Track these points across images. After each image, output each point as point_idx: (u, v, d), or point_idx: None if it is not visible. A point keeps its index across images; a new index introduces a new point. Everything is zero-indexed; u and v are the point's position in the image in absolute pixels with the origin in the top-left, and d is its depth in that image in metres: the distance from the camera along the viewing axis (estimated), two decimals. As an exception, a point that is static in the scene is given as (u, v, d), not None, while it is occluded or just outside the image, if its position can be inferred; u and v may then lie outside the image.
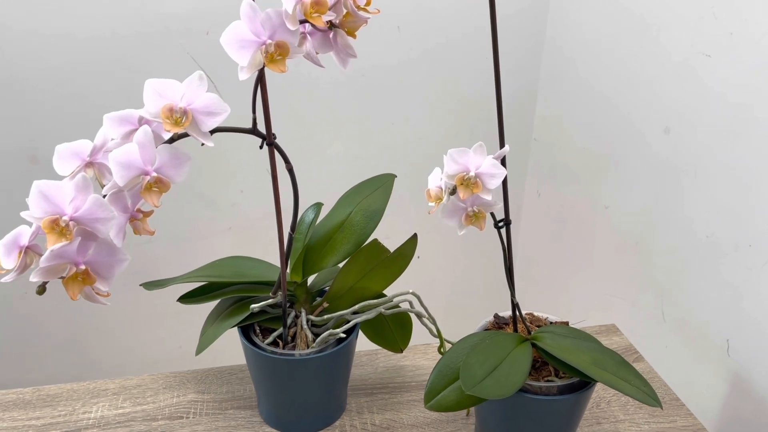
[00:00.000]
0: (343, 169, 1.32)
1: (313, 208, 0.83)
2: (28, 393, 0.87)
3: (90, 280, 0.53)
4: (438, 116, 1.34)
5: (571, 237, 1.35)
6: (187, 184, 1.27)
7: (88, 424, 0.82)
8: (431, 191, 0.66)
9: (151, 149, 0.53)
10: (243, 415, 0.84)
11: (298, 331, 0.79)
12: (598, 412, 0.85)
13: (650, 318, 1.10)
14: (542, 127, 1.38)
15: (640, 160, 1.10)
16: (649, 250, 1.10)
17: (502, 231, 0.70)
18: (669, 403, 0.87)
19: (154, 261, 1.36)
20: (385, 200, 0.79)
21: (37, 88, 1.13)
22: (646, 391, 0.68)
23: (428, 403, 0.69)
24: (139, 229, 0.55)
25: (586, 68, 1.22)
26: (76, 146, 0.54)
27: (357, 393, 0.88)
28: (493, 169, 0.63)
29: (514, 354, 0.70)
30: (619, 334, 1.00)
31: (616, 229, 1.19)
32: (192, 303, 0.82)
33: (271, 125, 0.61)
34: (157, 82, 0.54)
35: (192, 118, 0.54)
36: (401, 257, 0.79)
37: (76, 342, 1.40)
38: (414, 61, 1.28)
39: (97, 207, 0.51)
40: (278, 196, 0.66)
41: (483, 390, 0.65)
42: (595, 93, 1.20)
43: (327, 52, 0.57)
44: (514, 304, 0.74)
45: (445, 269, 1.50)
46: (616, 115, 1.14)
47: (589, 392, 0.71)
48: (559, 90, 1.31)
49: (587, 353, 0.71)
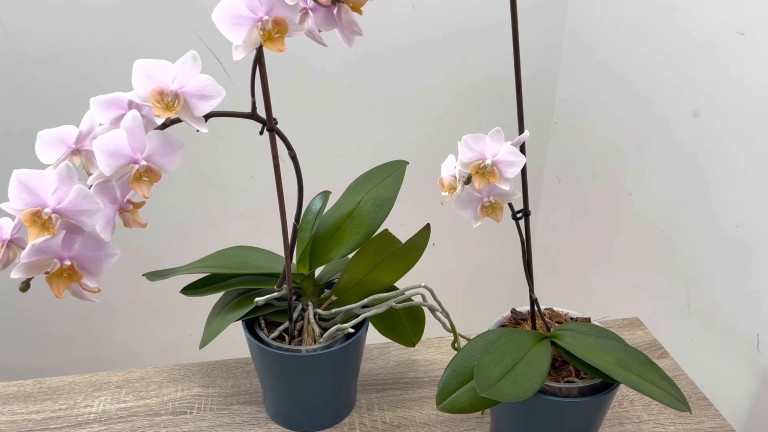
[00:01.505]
0: (353, 155, 1.28)
1: (320, 197, 0.79)
2: (29, 385, 0.85)
3: (76, 276, 0.49)
4: (454, 100, 1.29)
5: (592, 224, 1.30)
6: (196, 168, 1.25)
7: (89, 419, 0.79)
8: (444, 180, 0.61)
9: (141, 136, 0.49)
10: (249, 411, 0.81)
11: (305, 325, 0.76)
12: (620, 412, 0.81)
13: (675, 311, 1.05)
14: (563, 109, 1.33)
15: (666, 144, 1.04)
16: (674, 239, 1.05)
17: (521, 222, 0.66)
18: (696, 402, 0.82)
19: (164, 247, 1.33)
20: (397, 188, 0.75)
21: (40, 68, 1.10)
22: (674, 394, 0.63)
23: (440, 404, 0.65)
24: (130, 221, 0.52)
25: (609, 48, 1.16)
26: (60, 132, 0.50)
27: (367, 388, 0.84)
28: (512, 157, 0.58)
29: (532, 353, 0.66)
30: (643, 328, 0.95)
31: (640, 217, 1.14)
32: (195, 295, 0.79)
33: (271, 109, 0.56)
34: (147, 63, 0.50)
35: (184, 102, 0.50)
36: (413, 249, 0.75)
37: (84, 329, 1.38)
38: (430, 42, 1.23)
39: (82, 198, 0.47)
40: (281, 185, 0.62)
41: (498, 392, 0.61)
42: (618, 74, 1.14)
43: (330, 30, 0.53)
44: (533, 300, 0.70)
45: (461, 258, 1.45)
46: (641, 96, 1.09)
47: (612, 394, 0.67)
48: (581, 71, 1.25)
49: (611, 353, 0.66)
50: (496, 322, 0.75)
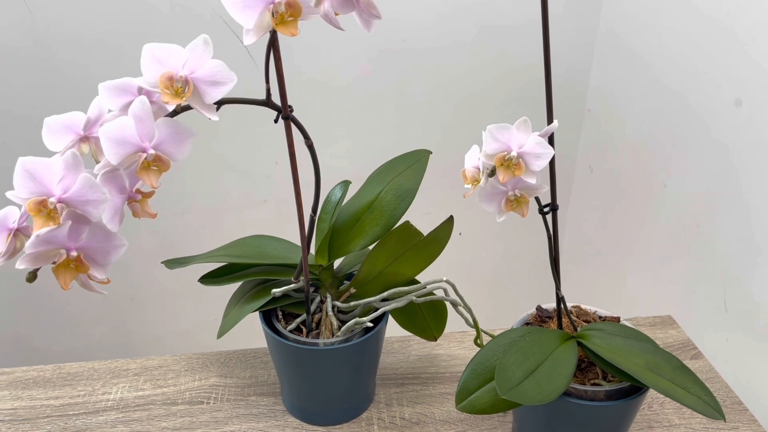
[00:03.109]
0: (377, 145, 1.25)
1: (340, 187, 0.76)
2: (49, 370, 0.85)
3: (83, 267, 0.48)
4: (482, 86, 1.25)
5: (625, 216, 1.25)
6: (222, 156, 1.24)
7: (106, 406, 0.79)
8: (467, 172, 0.59)
9: (149, 123, 0.47)
10: (265, 403, 0.79)
11: (323, 317, 0.74)
12: (650, 415, 0.77)
13: (710, 308, 1.01)
14: (596, 97, 1.28)
15: (705, 134, 0.99)
16: (711, 233, 1.00)
17: (548, 217, 0.63)
18: (730, 407, 0.78)
19: (189, 233, 1.33)
20: (419, 178, 0.72)
21: (65, 51, 1.09)
22: (708, 401, 0.60)
23: (460, 404, 0.63)
24: (138, 211, 0.50)
25: (645, 31, 1.11)
26: (68, 119, 0.48)
27: (386, 383, 0.82)
28: (539, 149, 0.55)
29: (557, 354, 0.63)
30: (676, 327, 0.91)
31: (675, 210, 1.09)
32: (213, 284, 0.78)
33: (286, 96, 0.54)
34: (157, 47, 0.48)
35: (194, 88, 0.47)
36: (435, 241, 0.72)
37: (111, 314, 1.39)
38: (458, 26, 1.19)
39: (88, 188, 0.45)
40: (297, 174, 0.60)
41: (520, 395, 0.58)
42: (654, 59, 1.09)
43: (348, 13, 0.50)
44: (559, 298, 0.67)
45: (488, 250, 1.42)
46: (679, 83, 1.04)
47: (640, 398, 0.64)
48: (616, 57, 1.20)
49: (640, 355, 0.63)
50: (520, 319, 0.72)
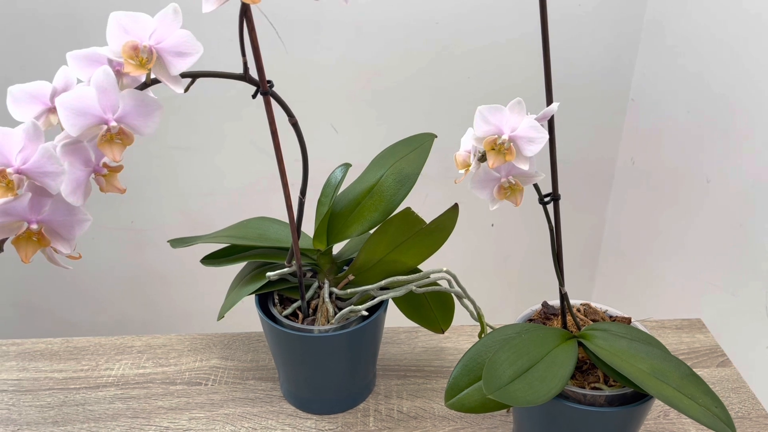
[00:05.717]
0: (385, 127, 1.21)
1: (340, 170, 0.73)
2: (57, 344, 0.85)
3: (44, 241, 0.47)
4: (494, 69, 1.19)
5: (664, 211, 1.18)
6: (251, 140, 1.23)
7: (107, 382, 0.79)
8: (458, 156, 0.55)
9: (113, 94, 0.46)
10: (263, 388, 0.78)
11: (320, 304, 0.72)
12: (665, 424, 0.72)
13: (750, 313, 0.93)
14: (641, 85, 1.21)
15: (754, 127, 0.92)
16: (754, 232, 0.93)
17: (550, 208, 0.58)
18: (755, 420, 0.72)
19: (216, 213, 1.33)
20: (421, 163, 0.69)
21: (94, 28, 1.10)
22: (718, 413, 0.55)
23: (449, 401, 0.59)
24: (104, 186, 0.49)
25: (692, 21, 1.03)
26: (33, 88, 0.47)
27: (388, 374, 0.79)
28: (533, 133, 0.51)
29: (554, 353, 0.59)
30: (704, 332, 0.85)
31: (717, 207, 1.02)
32: (213, 265, 0.76)
33: (263, 70, 0.52)
34: (124, 16, 0.46)
35: (158, 59, 0.45)
36: (439, 229, 0.69)
37: (145, 291, 1.41)
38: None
39: (46, 159, 0.44)
40: (280, 154, 0.58)
41: (508, 395, 0.54)
42: (702, 49, 1.01)
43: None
44: (562, 295, 0.63)
45: (519, 242, 1.37)
46: (725, 76, 0.96)
47: (644, 407, 0.59)
48: (662, 46, 1.13)
49: (646, 360, 0.58)
50: (523, 315, 0.68)
